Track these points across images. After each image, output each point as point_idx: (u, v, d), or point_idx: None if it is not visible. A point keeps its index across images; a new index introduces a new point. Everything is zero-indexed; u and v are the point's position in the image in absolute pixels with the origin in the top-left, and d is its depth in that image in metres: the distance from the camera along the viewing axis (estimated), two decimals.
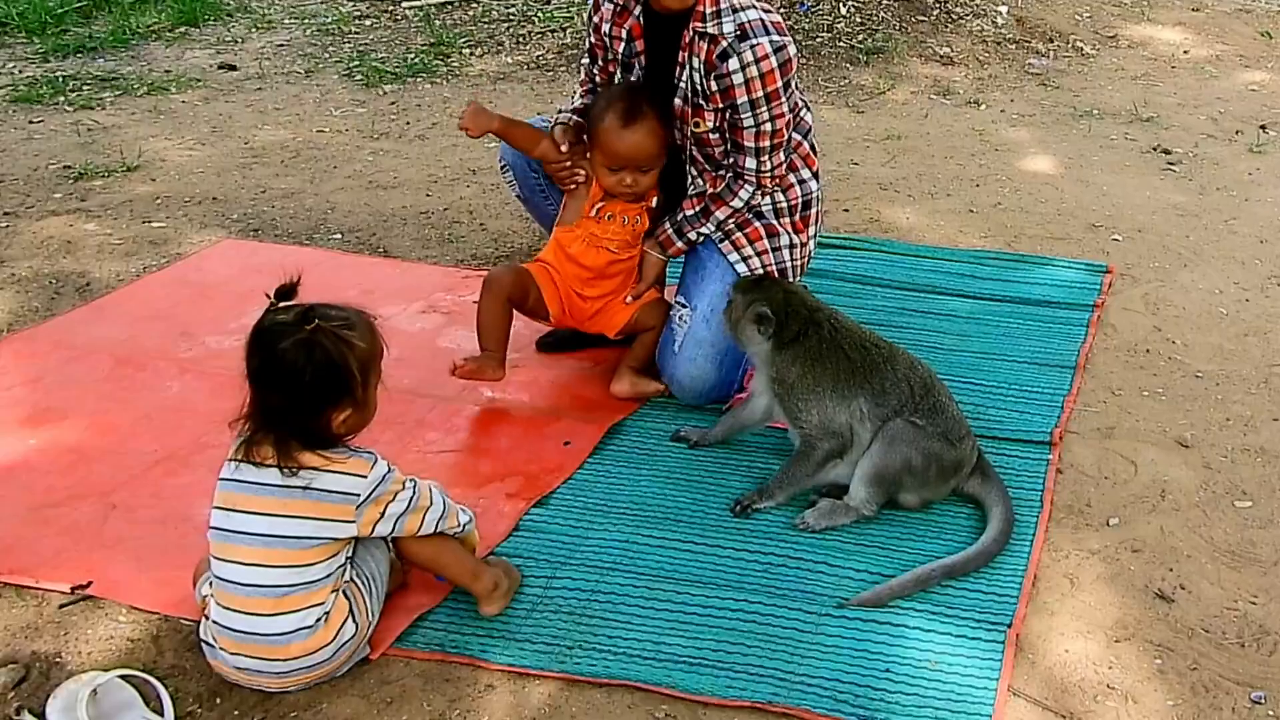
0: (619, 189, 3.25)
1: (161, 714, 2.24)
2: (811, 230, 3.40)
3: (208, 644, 2.35)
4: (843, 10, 7.01)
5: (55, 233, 4.45)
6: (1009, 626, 2.47)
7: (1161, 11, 7.76)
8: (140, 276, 4.10)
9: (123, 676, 2.30)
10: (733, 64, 3.05)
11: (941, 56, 6.72)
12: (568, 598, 2.56)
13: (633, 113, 3.16)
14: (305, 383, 2.21)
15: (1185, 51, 7.14)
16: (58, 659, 2.41)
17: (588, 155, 3.30)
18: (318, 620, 2.27)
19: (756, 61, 3.04)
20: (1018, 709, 2.30)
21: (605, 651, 2.41)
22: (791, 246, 3.35)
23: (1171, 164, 5.36)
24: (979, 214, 4.73)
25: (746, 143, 3.16)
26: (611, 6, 3.28)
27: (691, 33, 3.12)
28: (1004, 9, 7.23)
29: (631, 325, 3.38)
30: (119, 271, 4.14)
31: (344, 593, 2.33)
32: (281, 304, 2.26)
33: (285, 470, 2.25)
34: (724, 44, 3.06)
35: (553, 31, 7.07)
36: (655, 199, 3.38)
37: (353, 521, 2.27)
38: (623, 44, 3.29)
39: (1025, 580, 2.62)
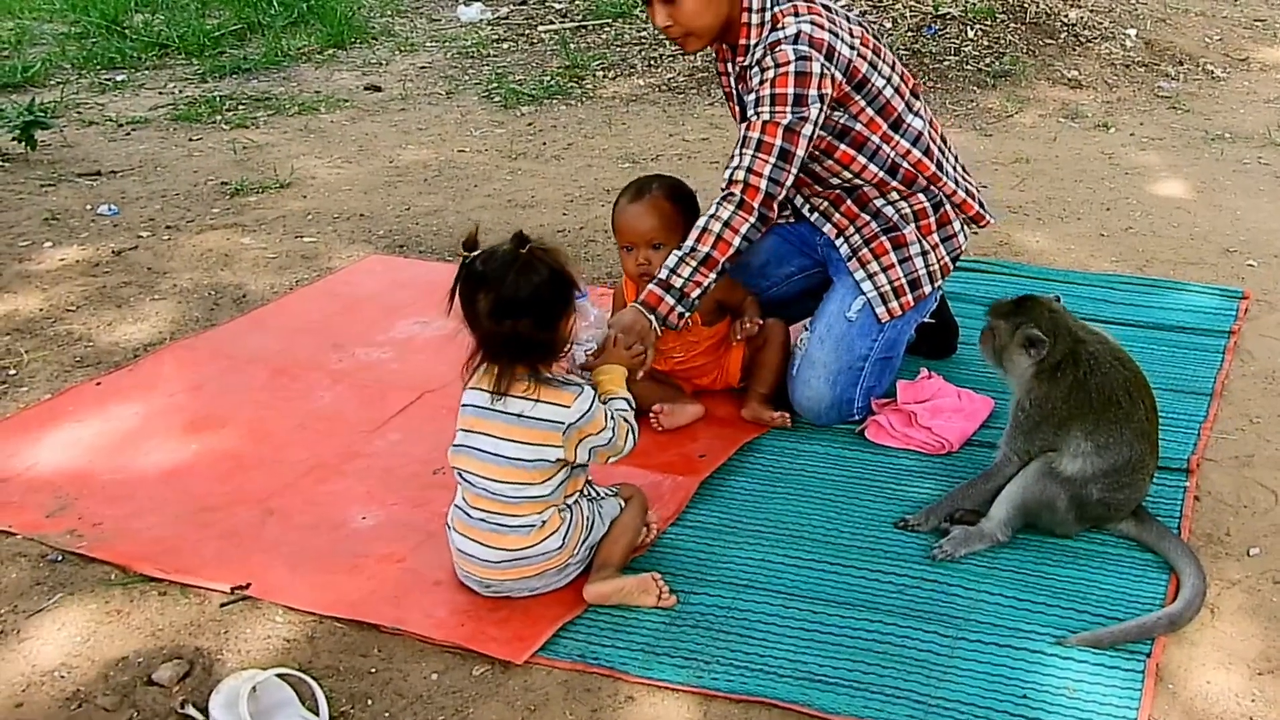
0: (636, 271, 3.32)
1: (317, 713, 2.30)
2: (952, 230, 3.39)
3: (450, 527, 2.68)
4: (970, 34, 6.98)
5: (214, 246, 4.65)
6: (1148, 656, 2.45)
7: None
8: (293, 289, 4.26)
9: (280, 675, 2.36)
10: (755, 69, 3.12)
11: (1069, 79, 6.65)
12: (705, 614, 2.60)
13: (639, 191, 3.34)
14: (546, 299, 2.47)
15: None
16: (219, 656, 2.50)
17: None
18: (531, 525, 2.55)
19: (775, 66, 3.06)
20: None
21: (742, 668, 2.45)
22: (924, 253, 3.35)
23: None
24: (1110, 238, 4.69)
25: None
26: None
27: (738, 69, 3.25)
28: (1132, 32, 7.13)
29: (748, 361, 3.46)
30: (273, 284, 4.31)
31: (560, 512, 2.59)
32: (472, 254, 2.50)
33: (516, 398, 2.52)
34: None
35: (683, 55, 7.14)
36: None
37: (560, 446, 2.53)
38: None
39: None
